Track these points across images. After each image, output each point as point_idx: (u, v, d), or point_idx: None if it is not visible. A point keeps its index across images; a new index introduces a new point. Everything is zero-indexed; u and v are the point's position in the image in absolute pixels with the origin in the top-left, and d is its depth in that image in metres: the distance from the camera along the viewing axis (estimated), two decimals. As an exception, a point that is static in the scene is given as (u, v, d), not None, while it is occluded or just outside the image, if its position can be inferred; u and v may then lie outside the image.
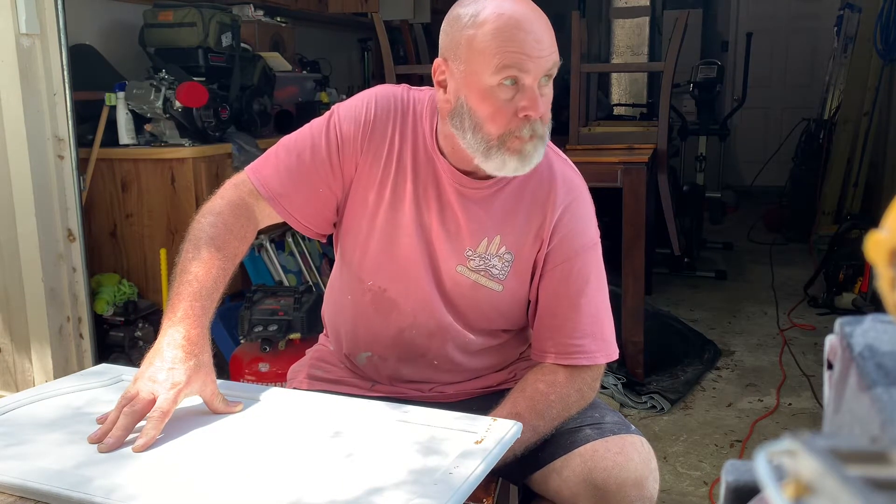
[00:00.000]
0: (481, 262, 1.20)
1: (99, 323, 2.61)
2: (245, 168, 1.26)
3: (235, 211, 1.20)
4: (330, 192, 1.22)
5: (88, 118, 2.64)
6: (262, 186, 1.22)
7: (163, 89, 2.64)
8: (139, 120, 2.74)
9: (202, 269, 1.11)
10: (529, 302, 1.26)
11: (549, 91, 1.11)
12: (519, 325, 1.30)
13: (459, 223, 1.20)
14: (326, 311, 1.40)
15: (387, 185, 1.21)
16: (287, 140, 1.25)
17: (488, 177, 1.18)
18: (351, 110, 1.22)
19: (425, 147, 1.20)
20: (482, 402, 1.28)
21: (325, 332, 1.44)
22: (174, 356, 1.04)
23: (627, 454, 1.10)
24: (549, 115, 1.13)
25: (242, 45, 3.08)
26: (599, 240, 1.24)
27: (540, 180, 1.21)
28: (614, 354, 1.23)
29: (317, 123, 1.24)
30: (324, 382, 1.34)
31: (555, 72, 1.10)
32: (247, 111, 2.95)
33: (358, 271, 1.26)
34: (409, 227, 1.20)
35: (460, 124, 1.12)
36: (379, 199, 1.21)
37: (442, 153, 1.19)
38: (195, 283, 1.10)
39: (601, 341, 1.21)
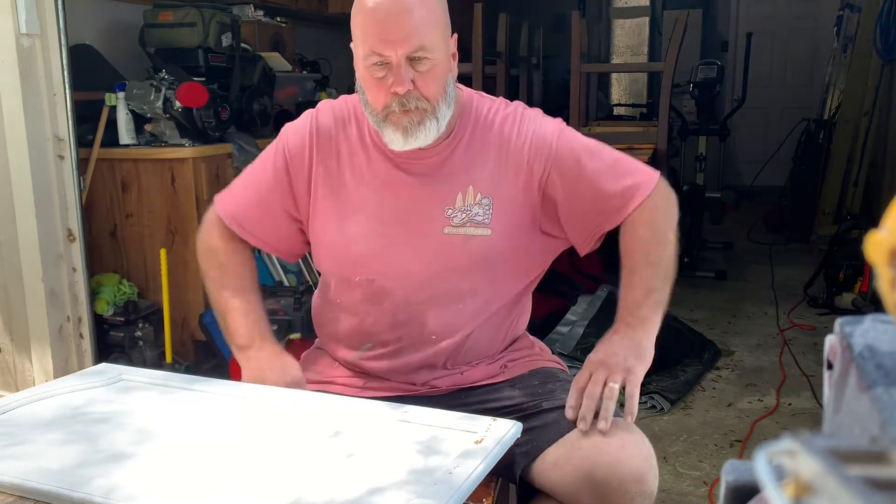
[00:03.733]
0: (464, 216, 1.23)
1: (99, 323, 2.61)
2: (214, 199, 1.38)
3: (224, 243, 1.35)
4: (287, 215, 1.32)
5: (88, 118, 2.64)
6: (231, 221, 1.33)
7: (163, 89, 2.64)
8: (139, 120, 2.74)
9: (243, 321, 1.31)
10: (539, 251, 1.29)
11: (426, 68, 1.15)
12: (511, 274, 1.29)
13: (429, 192, 1.24)
14: (318, 322, 1.43)
15: (344, 190, 1.27)
16: (245, 172, 1.37)
17: (436, 144, 1.23)
18: (296, 128, 1.32)
19: (373, 142, 1.27)
20: (475, 397, 1.29)
21: (317, 342, 1.46)
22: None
23: (629, 450, 1.11)
24: (431, 90, 1.16)
25: (242, 45, 3.08)
26: (563, 122, 1.30)
27: (478, 123, 1.26)
28: (654, 174, 1.27)
29: (268, 151, 1.35)
30: (315, 384, 1.35)
31: (424, 54, 1.14)
32: (247, 111, 2.95)
33: (342, 272, 1.30)
34: (382, 218, 1.25)
35: (362, 102, 1.22)
36: (342, 205, 1.27)
37: None
38: (243, 326, 1.30)
39: (631, 186, 1.24)
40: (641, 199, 1.22)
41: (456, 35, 1.24)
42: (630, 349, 1.15)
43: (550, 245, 1.31)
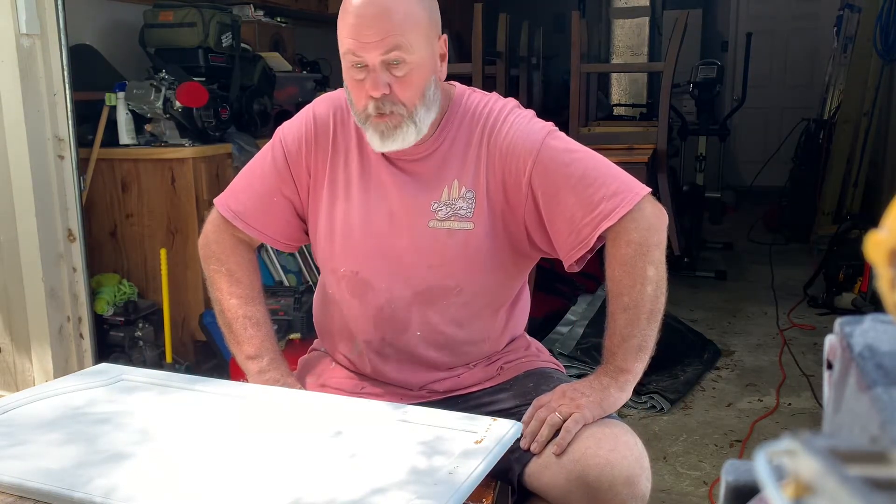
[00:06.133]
0: (449, 209, 1.23)
1: (99, 323, 2.61)
2: (214, 201, 1.39)
3: (229, 251, 1.37)
4: (284, 199, 1.32)
5: (88, 118, 2.64)
6: (227, 212, 1.35)
7: (163, 89, 2.64)
8: (139, 120, 2.74)
9: (254, 331, 1.33)
10: (528, 240, 1.26)
11: (403, 72, 1.15)
12: (497, 272, 1.28)
13: (417, 186, 1.25)
14: (315, 314, 1.45)
15: (337, 180, 1.29)
16: (243, 169, 1.39)
17: (425, 140, 1.24)
18: (294, 125, 1.34)
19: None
20: (473, 401, 1.29)
21: (316, 339, 1.47)
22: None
23: (620, 453, 1.10)
24: (408, 95, 1.16)
25: (242, 45, 3.08)
26: (554, 126, 1.25)
27: (466, 117, 1.25)
28: (641, 189, 1.19)
29: (265, 146, 1.36)
30: (314, 387, 1.36)
31: (400, 55, 1.14)
32: (247, 111, 2.95)
33: (330, 263, 1.31)
34: (368, 209, 1.26)
35: (348, 101, 1.23)
36: (332, 193, 1.29)
37: None
38: (257, 337, 1.33)
39: (615, 194, 1.17)
40: (624, 212, 1.16)
41: (445, 36, 1.23)
42: (595, 396, 1.16)
43: (535, 247, 1.28)
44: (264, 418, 1.09)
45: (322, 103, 1.33)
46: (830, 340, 0.43)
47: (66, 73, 2.37)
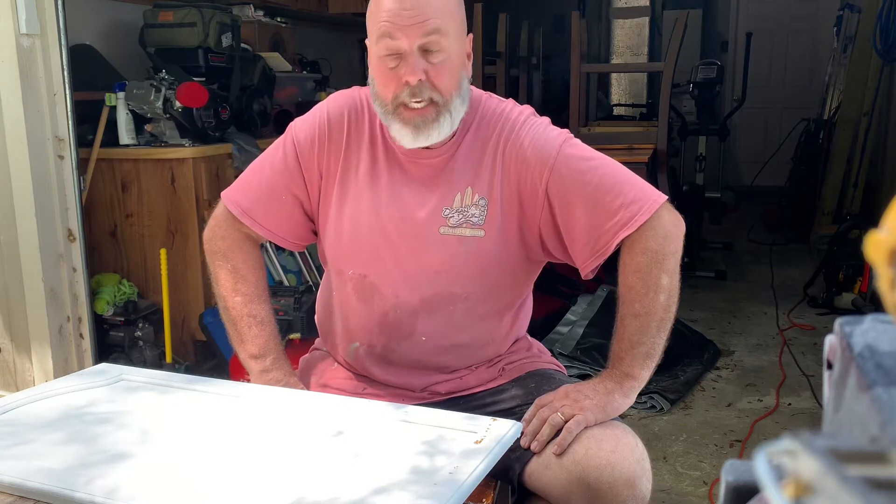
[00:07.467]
0: (461, 216, 1.22)
1: (99, 323, 2.61)
2: (221, 195, 1.37)
3: (235, 247, 1.35)
4: (294, 198, 1.30)
5: (88, 118, 2.64)
6: (235, 208, 1.33)
7: (163, 89, 2.64)
8: (139, 120, 2.74)
9: (258, 330, 1.33)
10: (538, 246, 1.25)
11: (439, 59, 1.14)
12: (506, 279, 1.27)
13: (429, 191, 1.23)
14: (318, 314, 1.44)
15: (348, 180, 1.27)
16: (253, 163, 1.37)
17: (442, 143, 1.22)
18: (307, 121, 1.31)
19: (382, 136, 1.26)
20: (475, 401, 1.29)
21: (318, 339, 1.47)
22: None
23: (621, 454, 1.10)
24: (444, 83, 1.15)
25: (242, 45, 3.08)
26: (570, 133, 1.24)
27: (482, 123, 1.24)
28: (659, 197, 1.19)
29: (276, 141, 1.34)
30: (315, 387, 1.35)
31: (438, 39, 1.13)
32: (247, 111, 2.95)
33: (336, 264, 1.30)
34: (379, 213, 1.24)
35: (372, 95, 1.22)
36: (343, 193, 1.27)
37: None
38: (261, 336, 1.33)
39: (633, 202, 1.17)
40: (643, 221, 1.15)
41: (471, 35, 1.23)
42: (599, 399, 1.15)
43: (549, 254, 1.27)
44: (265, 418, 1.10)
45: (336, 101, 1.31)
46: (830, 340, 0.43)
47: (66, 73, 2.37)
